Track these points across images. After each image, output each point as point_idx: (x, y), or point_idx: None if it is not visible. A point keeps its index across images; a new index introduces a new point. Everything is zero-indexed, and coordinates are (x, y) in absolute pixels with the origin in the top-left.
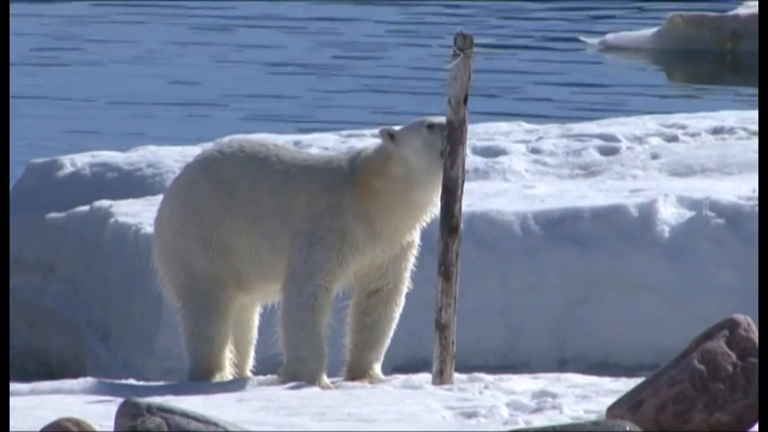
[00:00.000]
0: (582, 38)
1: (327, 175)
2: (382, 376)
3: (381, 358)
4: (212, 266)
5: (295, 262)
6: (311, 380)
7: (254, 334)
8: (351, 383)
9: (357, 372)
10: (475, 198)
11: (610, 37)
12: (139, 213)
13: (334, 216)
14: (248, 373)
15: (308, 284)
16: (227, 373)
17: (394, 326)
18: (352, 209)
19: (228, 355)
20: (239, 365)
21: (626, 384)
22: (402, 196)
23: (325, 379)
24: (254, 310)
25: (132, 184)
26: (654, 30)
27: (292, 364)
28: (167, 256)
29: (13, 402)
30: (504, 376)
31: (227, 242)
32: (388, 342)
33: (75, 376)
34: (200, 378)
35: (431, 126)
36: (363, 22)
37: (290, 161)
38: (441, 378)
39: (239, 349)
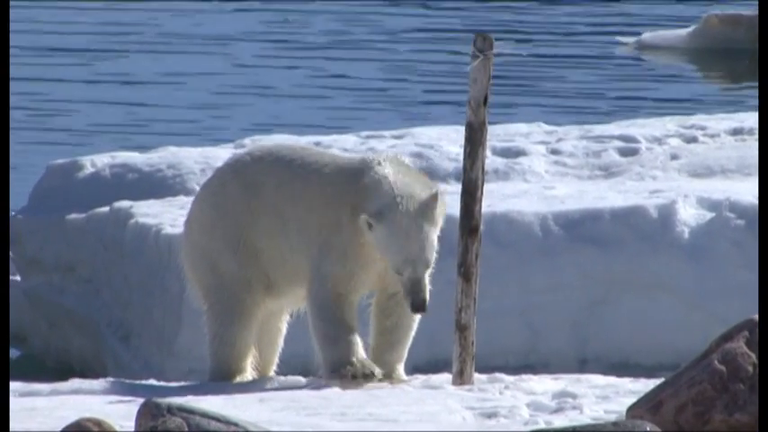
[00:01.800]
0: (618, 37)
1: (336, 187)
2: (404, 376)
3: (404, 358)
4: (240, 269)
5: (311, 271)
6: (355, 377)
7: (281, 341)
8: (372, 384)
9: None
10: (494, 199)
11: (645, 36)
12: (160, 214)
13: (335, 232)
14: (272, 374)
15: (322, 296)
16: (249, 375)
17: (414, 327)
18: (350, 226)
19: (250, 360)
20: (262, 370)
21: (646, 385)
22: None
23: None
24: (281, 318)
25: (152, 185)
26: (690, 29)
27: (333, 368)
28: (196, 256)
29: (34, 402)
30: (525, 377)
31: (255, 244)
32: (409, 342)
33: (95, 376)
34: (221, 380)
35: (398, 272)
36: (386, 21)
37: (313, 165)
38: (461, 378)
39: (264, 355)
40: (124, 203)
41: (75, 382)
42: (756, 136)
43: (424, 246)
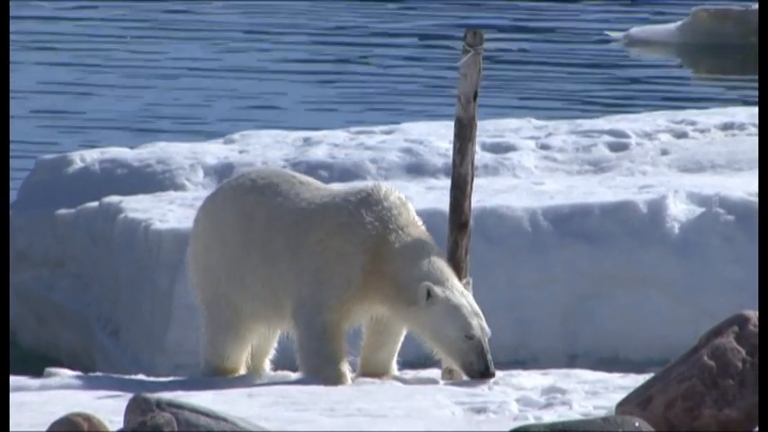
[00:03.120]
0: (607, 31)
1: (346, 218)
2: (396, 372)
3: (395, 355)
4: (232, 295)
5: (304, 295)
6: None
7: (277, 334)
8: (361, 379)
9: (370, 368)
10: (484, 194)
11: (634, 30)
12: (149, 209)
13: (343, 262)
14: (266, 366)
15: (317, 317)
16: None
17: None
18: (360, 267)
19: (242, 368)
20: (257, 361)
21: (635, 380)
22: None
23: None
24: None
25: (142, 180)
26: (678, 23)
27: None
28: (198, 264)
29: (23, 398)
30: (514, 372)
31: (244, 276)
32: (400, 341)
33: (84, 371)
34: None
35: (471, 337)
36: (372, 17)
37: (308, 199)
38: (450, 374)
39: (260, 344)
40: (113, 198)
41: (65, 377)
42: (747, 131)
43: (480, 314)
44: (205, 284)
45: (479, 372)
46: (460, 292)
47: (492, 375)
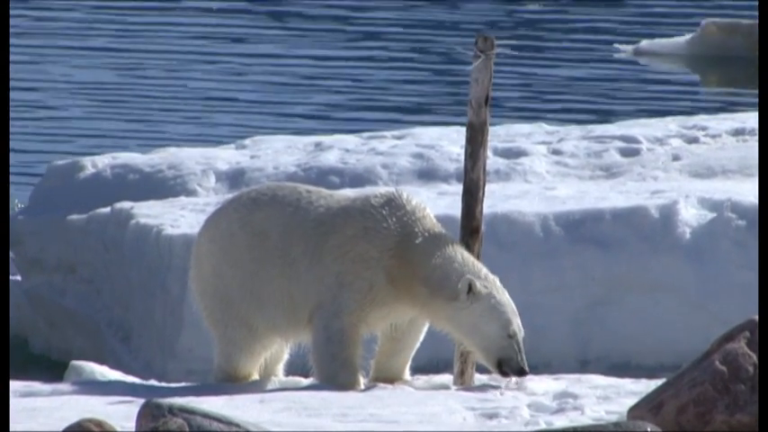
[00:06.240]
0: (616, 44)
1: (372, 222)
2: (408, 377)
3: (409, 362)
4: (247, 314)
5: (324, 298)
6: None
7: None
8: (373, 384)
9: (383, 374)
10: (496, 199)
11: (644, 43)
12: (161, 215)
13: (366, 266)
14: (279, 371)
15: (335, 321)
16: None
17: (422, 336)
18: (385, 271)
19: (255, 374)
20: (270, 365)
21: (647, 386)
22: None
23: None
24: None
25: (153, 185)
26: (687, 36)
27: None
28: (205, 289)
29: (35, 403)
30: (526, 377)
31: (260, 291)
32: (415, 349)
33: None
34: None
35: (512, 335)
36: (383, 21)
37: (325, 205)
38: (462, 379)
39: (273, 354)
40: (125, 204)
41: (76, 383)
42: (758, 136)
43: (517, 312)
44: (215, 307)
45: (515, 370)
46: (500, 288)
47: (527, 374)
